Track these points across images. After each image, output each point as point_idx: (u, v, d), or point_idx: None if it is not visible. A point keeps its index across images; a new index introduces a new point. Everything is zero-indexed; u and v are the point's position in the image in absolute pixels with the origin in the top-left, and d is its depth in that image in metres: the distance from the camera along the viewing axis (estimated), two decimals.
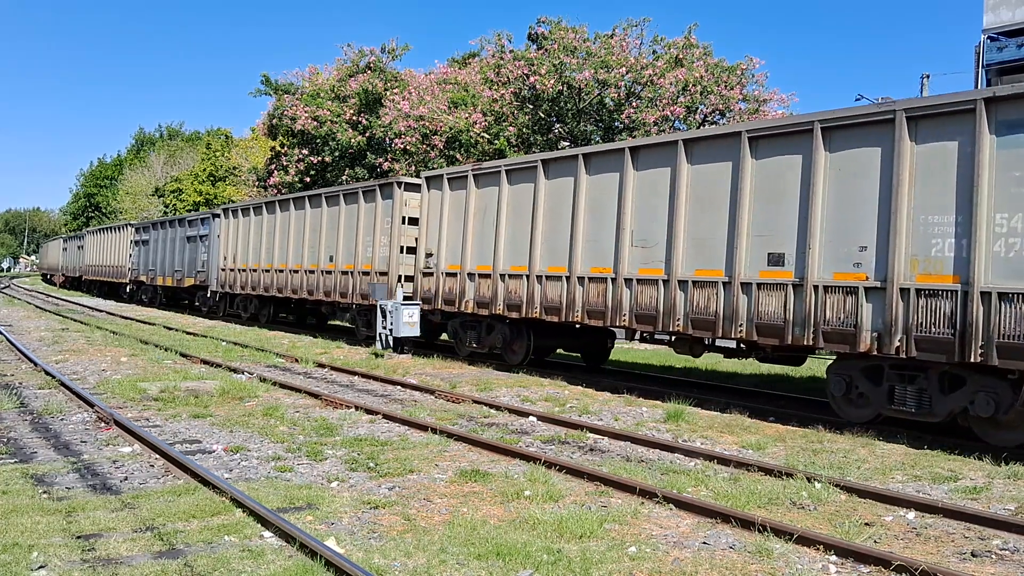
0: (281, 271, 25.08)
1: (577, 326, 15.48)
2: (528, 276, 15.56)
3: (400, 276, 19.48)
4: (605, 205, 14.23)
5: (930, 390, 10.05)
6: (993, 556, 6.06)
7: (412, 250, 19.39)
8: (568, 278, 14.70)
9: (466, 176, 17.43)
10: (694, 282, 12.55)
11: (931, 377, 10.05)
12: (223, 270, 29.28)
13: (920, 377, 10.16)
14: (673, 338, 13.60)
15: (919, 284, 9.92)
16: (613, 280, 13.84)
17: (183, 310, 35.04)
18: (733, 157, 12.17)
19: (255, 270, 26.81)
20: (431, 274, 18.18)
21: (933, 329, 9.75)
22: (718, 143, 12.51)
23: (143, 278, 38.17)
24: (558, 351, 18.11)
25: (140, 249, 38.96)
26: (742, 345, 12.66)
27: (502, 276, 16.19)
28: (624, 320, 13.63)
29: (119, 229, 43.49)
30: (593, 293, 14.21)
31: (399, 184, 19.86)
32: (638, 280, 13.40)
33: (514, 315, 15.86)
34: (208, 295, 30.92)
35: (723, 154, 12.36)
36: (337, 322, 27.02)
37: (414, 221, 19.47)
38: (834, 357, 11.44)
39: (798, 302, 11.21)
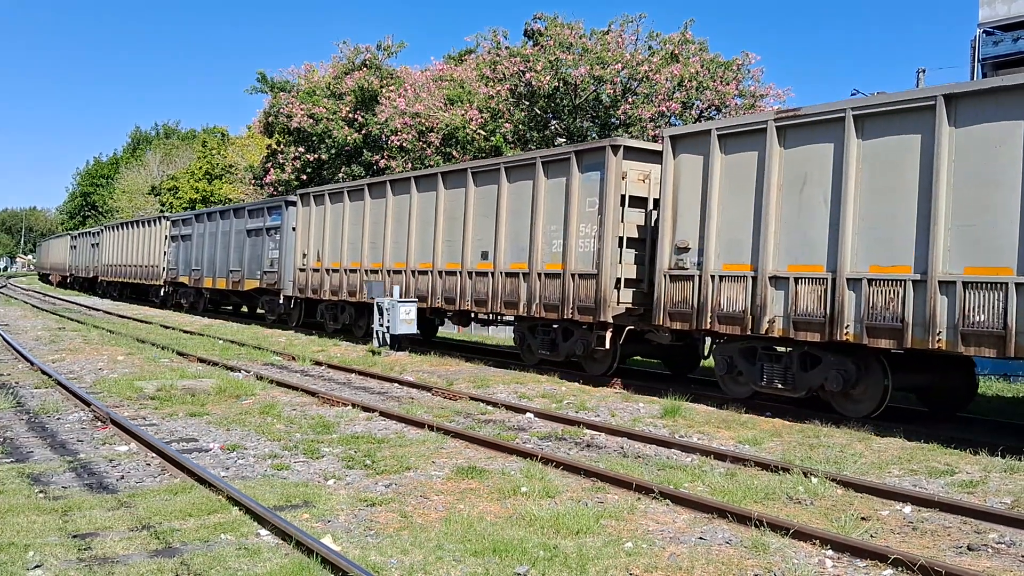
0: (398, 272, 19.63)
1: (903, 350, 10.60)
2: (924, 281, 9.82)
3: (619, 279, 14.09)
4: None
5: None
6: (989, 550, 6.07)
7: (634, 242, 14.34)
8: None
9: (763, 129, 11.72)
10: None
11: None
12: (302, 270, 23.85)
13: None
14: None
15: None
16: None
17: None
18: None
19: (353, 271, 21.37)
20: (686, 278, 12.63)
21: None
22: None
23: (184, 279, 32.81)
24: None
25: (179, 245, 33.72)
26: None
27: (852, 281, 10.58)
28: None
29: (151, 223, 37.58)
30: None
31: (615, 149, 14.11)
32: None
33: (884, 343, 10.30)
34: (280, 300, 25.57)
35: None
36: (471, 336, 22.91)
37: (638, 201, 14.33)
38: None
39: None
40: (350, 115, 31.45)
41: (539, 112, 27.27)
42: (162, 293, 35.92)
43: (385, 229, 20.24)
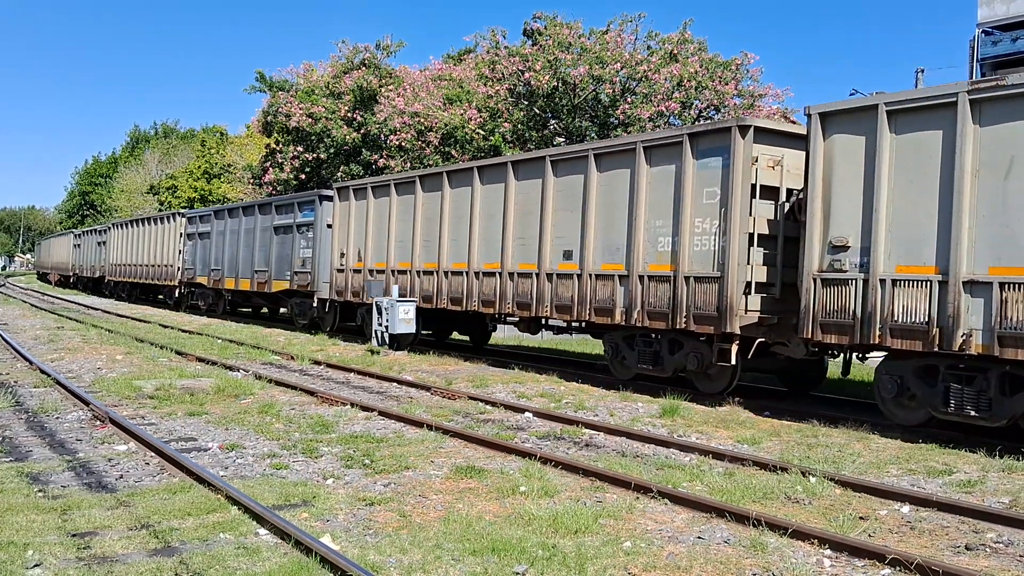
0: (457, 273, 17.60)
1: None
2: None
3: (748, 283, 12.04)
4: None
5: None
6: (987, 549, 6.08)
7: (764, 239, 12.28)
8: None
9: (952, 103, 9.67)
10: None
11: None
12: (339, 271, 21.84)
13: None
14: None
15: None
16: None
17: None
18: None
19: (403, 271, 19.37)
20: (845, 282, 10.58)
21: None
22: None
23: (202, 280, 31.08)
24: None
25: (196, 244, 31.90)
26: None
27: None
28: None
29: (164, 220, 35.63)
30: None
31: (743, 130, 12.04)
32: None
33: None
34: (314, 304, 23.60)
35: None
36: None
37: (769, 192, 12.27)
38: None
39: None
40: (349, 114, 31.45)
41: (538, 112, 27.28)
42: (176, 294, 34.26)
43: (441, 226, 18.18)
